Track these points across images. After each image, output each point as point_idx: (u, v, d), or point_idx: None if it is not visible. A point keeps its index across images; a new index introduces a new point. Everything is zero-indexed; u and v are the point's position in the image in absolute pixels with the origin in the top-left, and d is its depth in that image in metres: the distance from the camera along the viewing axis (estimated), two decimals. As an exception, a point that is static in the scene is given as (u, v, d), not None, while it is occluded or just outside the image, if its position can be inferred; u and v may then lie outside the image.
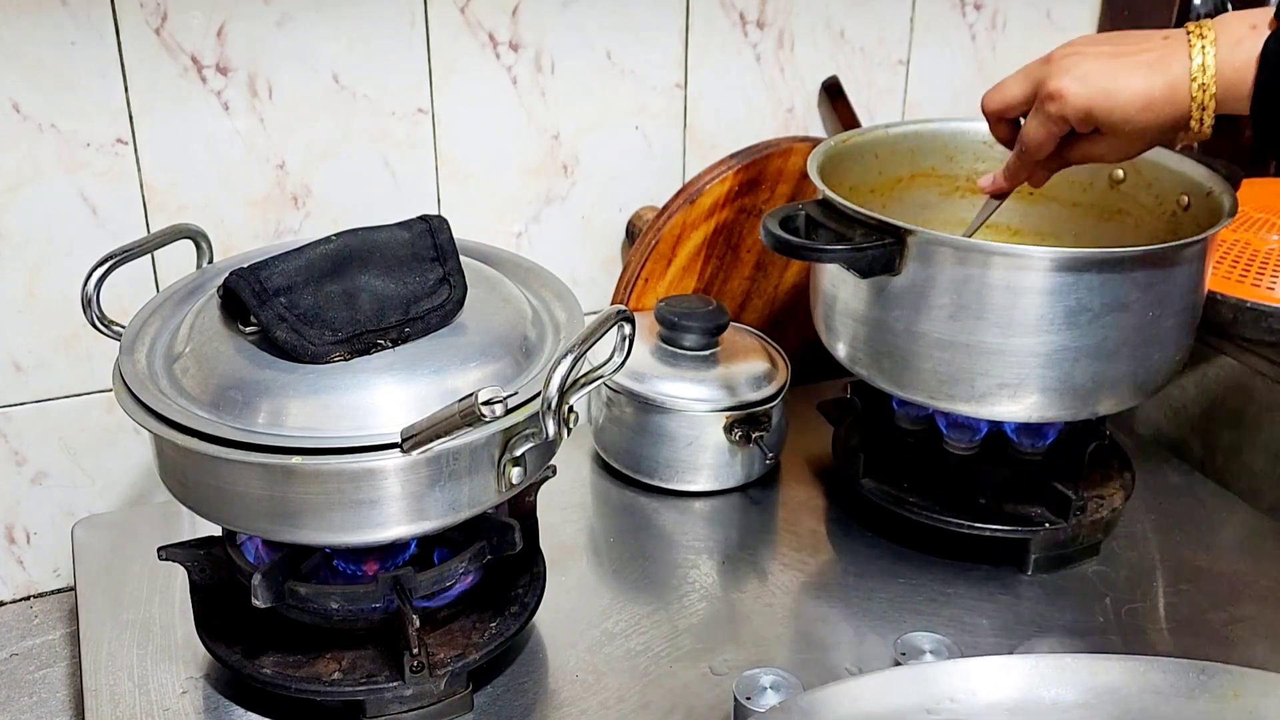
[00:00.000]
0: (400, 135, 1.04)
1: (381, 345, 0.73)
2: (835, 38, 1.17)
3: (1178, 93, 0.76)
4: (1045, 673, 0.66)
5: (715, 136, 1.15)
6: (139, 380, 0.73)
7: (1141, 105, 0.77)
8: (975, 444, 0.95)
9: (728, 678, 0.80)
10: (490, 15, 1.03)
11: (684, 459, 1.01)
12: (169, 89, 0.96)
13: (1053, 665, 0.66)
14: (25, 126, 0.93)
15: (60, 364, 1.00)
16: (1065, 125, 0.81)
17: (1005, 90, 0.84)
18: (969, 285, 0.83)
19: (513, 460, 0.72)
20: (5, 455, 1.01)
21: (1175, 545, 0.97)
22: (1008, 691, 0.66)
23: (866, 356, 0.91)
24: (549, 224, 1.13)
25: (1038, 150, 0.83)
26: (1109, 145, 0.81)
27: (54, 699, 0.92)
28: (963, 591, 0.91)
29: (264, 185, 1.01)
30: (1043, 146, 0.83)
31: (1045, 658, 0.67)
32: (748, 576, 0.93)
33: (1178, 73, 0.76)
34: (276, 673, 0.77)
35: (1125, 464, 1.00)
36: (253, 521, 0.72)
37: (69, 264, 0.97)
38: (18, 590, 1.06)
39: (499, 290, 0.81)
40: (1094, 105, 0.78)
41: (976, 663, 0.67)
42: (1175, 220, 0.96)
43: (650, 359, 1.02)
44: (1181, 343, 0.89)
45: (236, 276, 0.74)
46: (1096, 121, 0.79)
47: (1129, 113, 0.77)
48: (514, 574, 0.85)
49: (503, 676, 0.82)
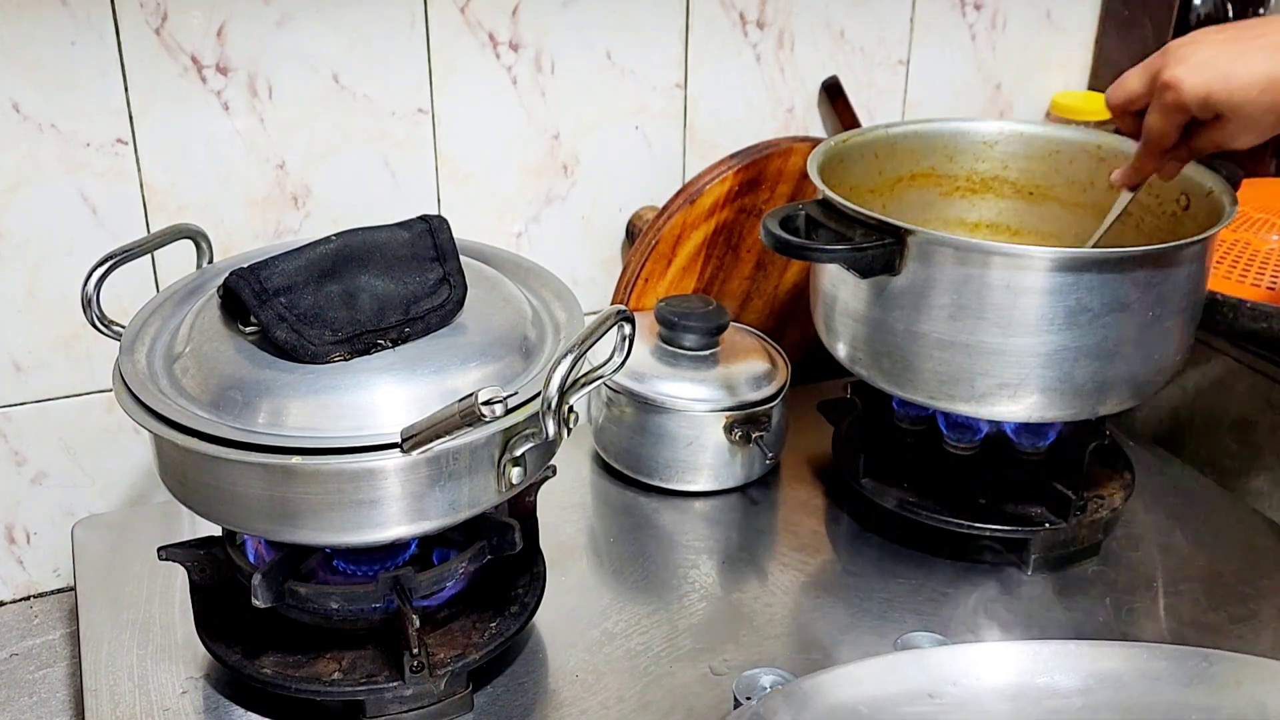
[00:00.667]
0: (400, 135, 1.04)
1: (381, 345, 0.73)
2: (835, 38, 1.17)
3: None
4: (1047, 659, 0.66)
5: (715, 136, 1.15)
6: (139, 380, 0.73)
7: (1263, 87, 0.77)
8: (975, 444, 0.95)
9: (728, 678, 0.80)
10: (490, 15, 1.03)
11: (684, 459, 1.01)
12: (169, 89, 0.96)
13: (1054, 651, 0.67)
14: (25, 126, 0.93)
15: (60, 364, 1.00)
16: (1185, 113, 0.81)
17: (1125, 84, 0.85)
18: (969, 285, 0.83)
19: (513, 460, 0.72)
20: (5, 455, 1.01)
21: (1175, 545, 0.97)
22: (1009, 677, 0.66)
23: (866, 356, 0.91)
24: (549, 224, 1.13)
25: (1160, 140, 0.84)
26: (1234, 130, 0.81)
27: (54, 699, 0.92)
28: (963, 591, 0.91)
29: (264, 185, 1.01)
30: (1165, 136, 0.84)
31: (1047, 644, 0.67)
32: (748, 576, 0.93)
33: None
34: (276, 673, 0.77)
35: (1125, 464, 1.00)
36: (253, 521, 0.72)
37: (69, 264, 0.97)
38: (18, 590, 1.06)
39: (499, 290, 0.81)
40: (1212, 90, 0.78)
41: (979, 648, 0.68)
42: (1175, 220, 0.96)
43: (650, 359, 1.02)
44: (1181, 343, 0.89)
45: (236, 276, 0.74)
46: (1216, 106, 0.79)
47: (1250, 94, 0.78)
48: (514, 574, 0.85)
49: (503, 676, 0.82)
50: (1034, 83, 1.27)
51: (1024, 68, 1.26)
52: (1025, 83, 1.27)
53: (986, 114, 1.26)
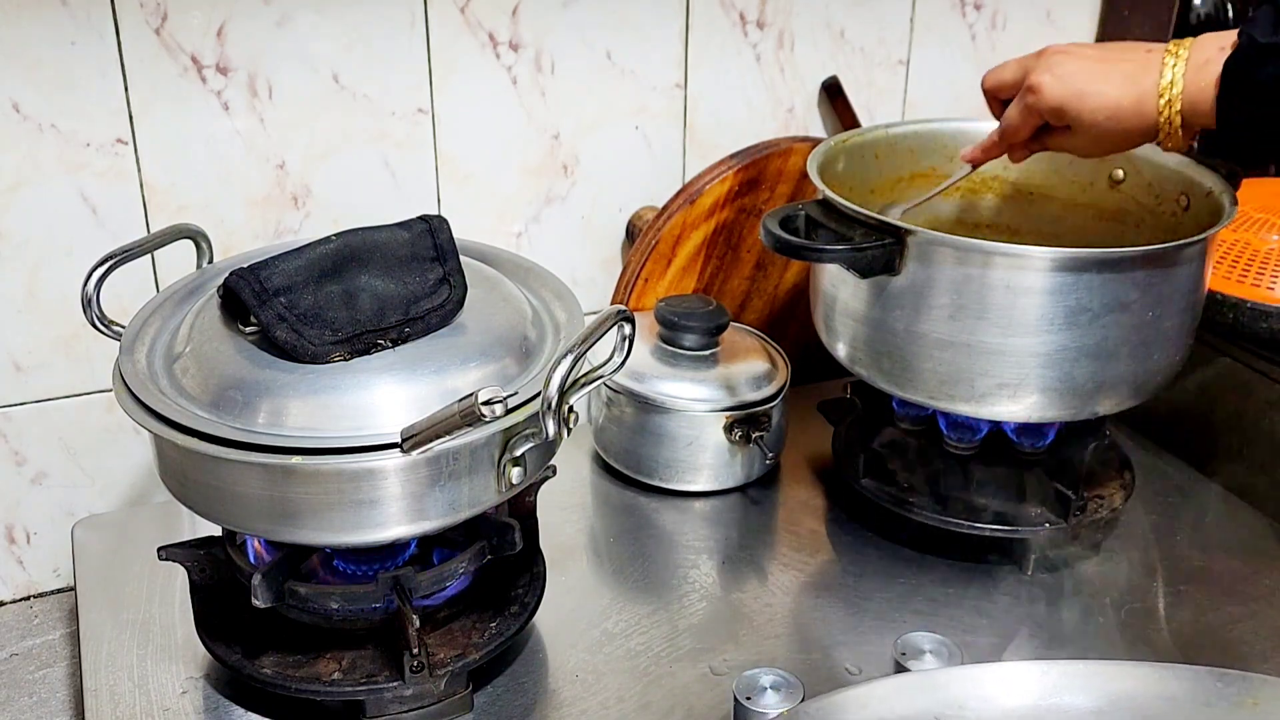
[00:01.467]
0: (400, 135, 1.04)
1: (381, 345, 0.73)
2: (835, 38, 1.17)
3: (1145, 105, 0.82)
4: (1058, 680, 0.65)
5: (715, 136, 1.15)
6: (139, 380, 0.73)
7: (1109, 113, 0.83)
8: (975, 444, 0.95)
9: (728, 678, 0.80)
10: (490, 15, 1.03)
11: (684, 459, 1.01)
12: (169, 89, 0.96)
13: (1065, 671, 0.66)
14: (25, 126, 0.93)
15: (60, 364, 1.00)
16: (1039, 117, 0.87)
17: (1001, 73, 0.90)
18: (969, 285, 0.83)
19: (513, 460, 0.72)
20: (5, 455, 1.01)
21: (1175, 545, 0.97)
22: (1020, 699, 0.65)
23: (866, 356, 0.91)
24: (549, 224, 1.13)
25: (1014, 134, 0.90)
26: (1080, 142, 0.87)
27: (54, 699, 0.92)
28: (963, 591, 0.91)
29: (264, 185, 1.01)
30: (1018, 131, 0.89)
31: (1057, 664, 0.66)
32: (748, 576, 0.93)
33: (1146, 87, 0.81)
34: (276, 673, 0.77)
35: (1125, 464, 1.00)
36: (253, 521, 0.72)
37: (69, 264, 0.97)
38: (18, 590, 1.06)
39: (499, 290, 0.81)
40: (1066, 104, 0.84)
41: (988, 669, 0.67)
42: (1175, 220, 0.96)
43: (650, 359, 1.02)
44: (1181, 343, 0.89)
45: (236, 276, 0.74)
46: (1067, 119, 0.85)
47: (1096, 118, 0.83)
48: (514, 574, 0.85)
49: (503, 676, 0.82)
50: (1034, 83, 1.27)
51: (1024, 68, 1.26)
52: (1025, 83, 1.27)
53: (987, 114, 1.25)
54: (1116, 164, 1.00)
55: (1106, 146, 0.87)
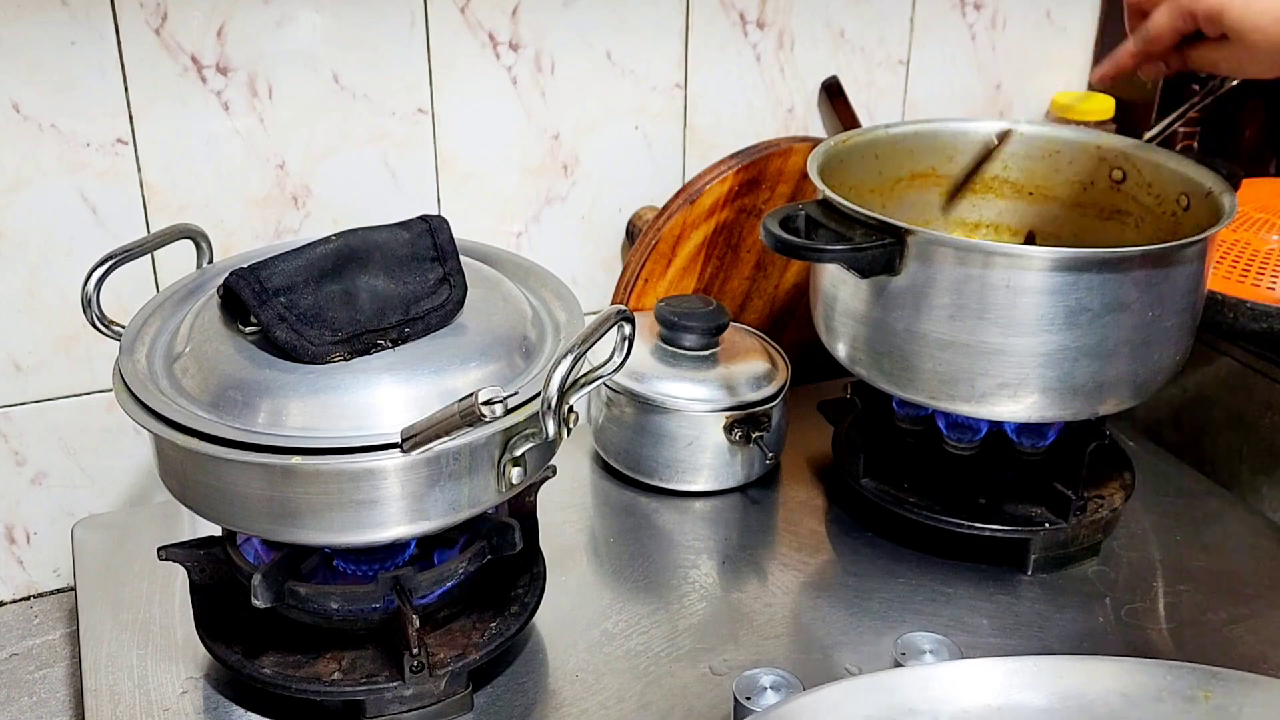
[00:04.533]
0: (400, 135, 1.04)
1: (381, 345, 0.73)
2: (835, 38, 1.17)
3: None
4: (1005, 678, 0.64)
5: (715, 136, 1.15)
6: (139, 380, 0.73)
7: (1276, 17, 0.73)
8: (975, 444, 0.95)
9: (728, 678, 0.80)
10: (490, 15, 1.03)
11: (684, 459, 1.01)
12: (169, 89, 0.96)
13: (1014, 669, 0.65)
14: (25, 126, 0.93)
15: (60, 364, 1.00)
16: (1191, 22, 0.77)
17: None
18: (969, 285, 0.83)
19: (513, 460, 0.72)
20: (5, 455, 1.01)
21: (1175, 545, 0.97)
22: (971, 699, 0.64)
23: (866, 356, 0.91)
24: (549, 224, 1.13)
25: (1157, 38, 0.80)
26: (1233, 56, 0.77)
27: (54, 699, 0.92)
28: (963, 591, 0.91)
29: (264, 185, 1.01)
30: (1162, 37, 0.79)
31: (1006, 661, 0.65)
32: (748, 576, 0.93)
33: None
34: (276, 673, 0.77)
35: (1125, 464, 1.00)
36: (253, 521, 0.72)
37: (69, 264, 0.97)
38: (18, 590, 1.06)
39: (499, 290, 0.81)
40: (1227, 6, 0.74)
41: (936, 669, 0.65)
42: (1175, 220, 0.96)
43: (650, 359, 1.02)
44: (1181, 343, 0.89)
45: (236, 276, 0.74)
46: (1225, 25, 0.75)
47: (1261, 22, 0.73)
48: (514, 574, 0.85)
49: (503, 676, 0.82)
50: (1034, 83, 1.27)
51: (1024, 68, 1.26)
52: (1025, 83, 1.27)
53: (986, 114, 1.26)
54: (1116, 164, 1.00)
55: (1262, 63, 0.75)
